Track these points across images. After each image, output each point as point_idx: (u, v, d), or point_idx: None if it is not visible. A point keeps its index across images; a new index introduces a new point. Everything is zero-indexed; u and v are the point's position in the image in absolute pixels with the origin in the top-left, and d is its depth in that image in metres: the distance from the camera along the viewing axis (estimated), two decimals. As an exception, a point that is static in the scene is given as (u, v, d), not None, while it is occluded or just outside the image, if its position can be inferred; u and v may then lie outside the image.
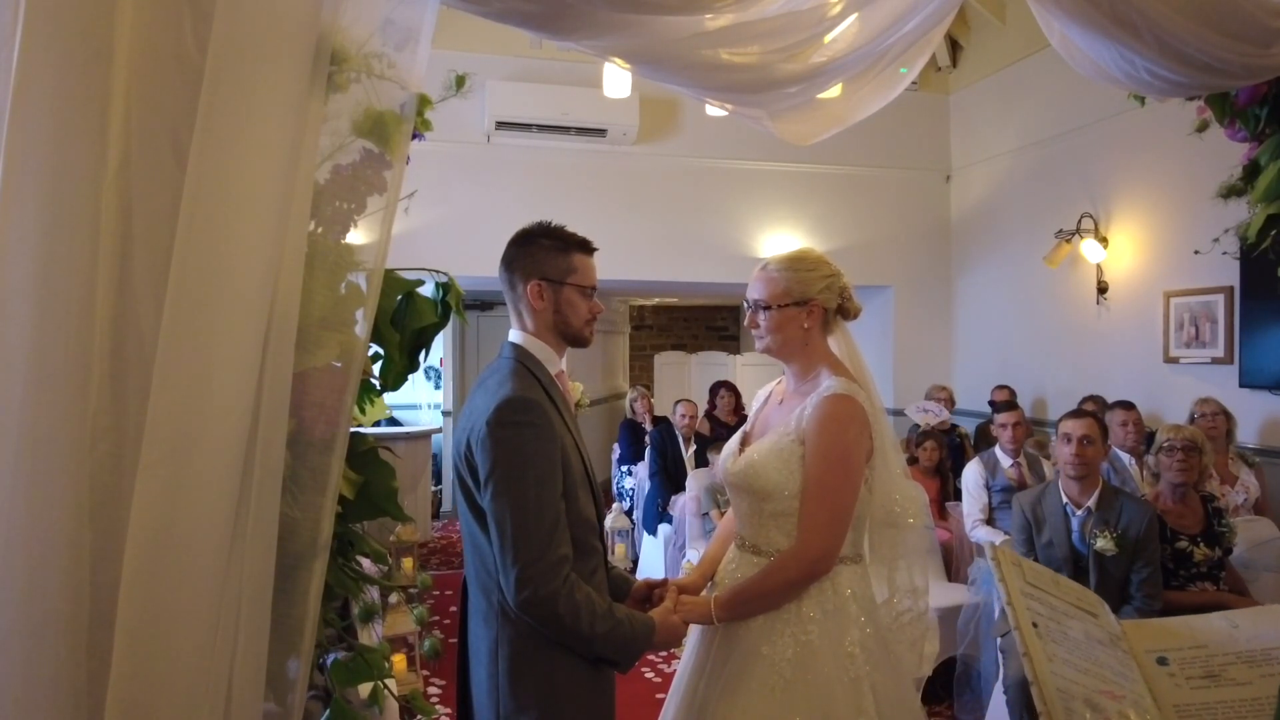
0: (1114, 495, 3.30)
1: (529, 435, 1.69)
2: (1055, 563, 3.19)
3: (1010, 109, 6.80)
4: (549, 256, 1.83)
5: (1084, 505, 3.28)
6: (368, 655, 1.77)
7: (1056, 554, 3.26)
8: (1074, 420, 3.38)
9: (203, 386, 1.28)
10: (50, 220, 1.22)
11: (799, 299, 1.99)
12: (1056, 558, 3.24)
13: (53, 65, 1.22)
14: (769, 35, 1.99)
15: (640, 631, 1.80)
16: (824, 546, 1.89)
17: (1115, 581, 3.16)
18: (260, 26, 1.32)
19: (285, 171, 1.37)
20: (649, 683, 4.36)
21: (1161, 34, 2.05)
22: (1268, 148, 2.61)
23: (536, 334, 1.85)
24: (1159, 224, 5.53)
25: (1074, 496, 3.31)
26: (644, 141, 6.77)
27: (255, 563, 1.34)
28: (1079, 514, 3.29)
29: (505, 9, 1.66)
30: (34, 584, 1.21)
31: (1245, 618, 1.67)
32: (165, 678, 1.25)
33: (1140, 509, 3.24)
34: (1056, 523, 3.31)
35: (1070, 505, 3.31)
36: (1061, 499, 3.33)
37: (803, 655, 1.87)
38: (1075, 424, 3.35)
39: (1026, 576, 1.63)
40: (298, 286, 1.42)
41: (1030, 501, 3.42)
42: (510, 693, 1.73)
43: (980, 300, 7.20)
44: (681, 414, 6.29)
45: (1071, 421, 3.37)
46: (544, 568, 1.65)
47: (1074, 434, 3.30)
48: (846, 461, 1.90)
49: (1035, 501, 3.40)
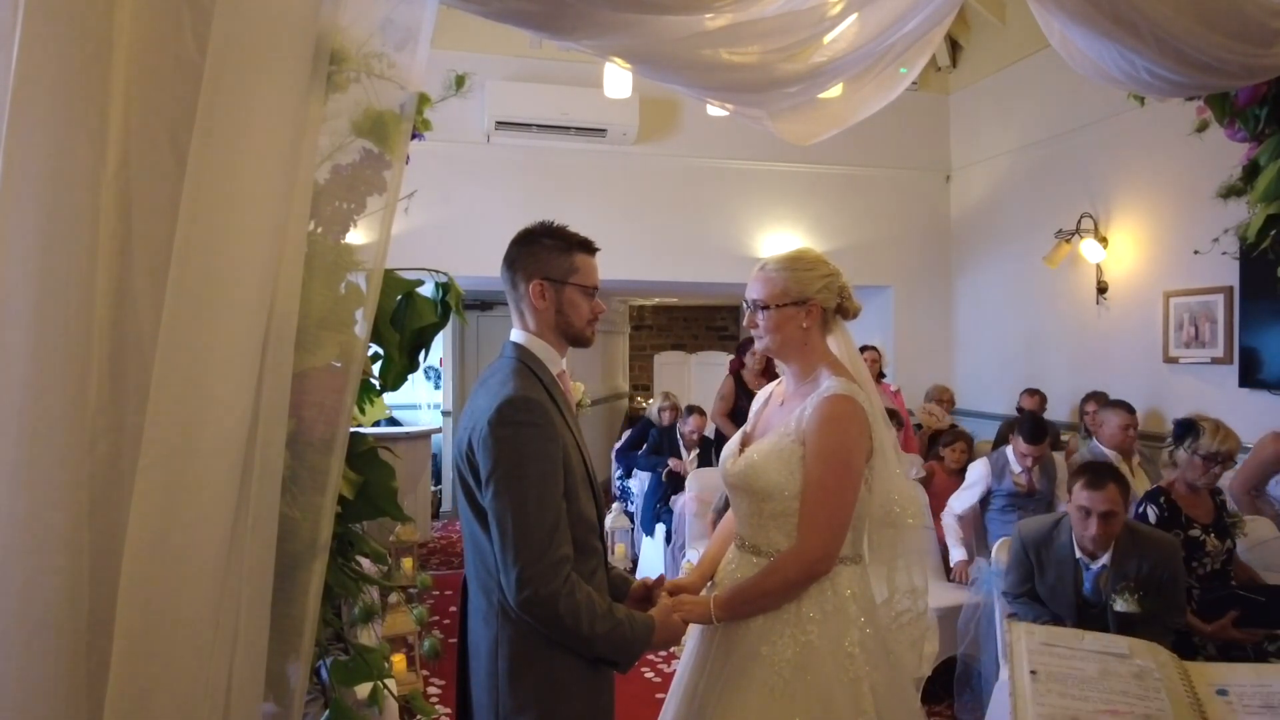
0: (1131, 542, 2.89)
1: (530, 435, 1.69)
2: (1058, 608, 3.00)
3: (1010, 109, 6.80)
4: (551, 256, 1.83)
5: (1099, 559, 2.92)
6: (367, 655, 1.77)
7: (1061, 599, 2.98)
8: (1092, 492, 2.84)
9: (202, 386, 1.28)
10: (49, 220, 1.22)
11: (797, 299, 1.99)
12: (1060, 602, 2.99)
13: (52, 65, 1.22)
14: (769, 35, 1.99)
15: (640, 632, 1.80)
16: (823, 547, 1.89)
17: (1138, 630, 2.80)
18: (260, 26, 1.32)
19: (285, 171, 1.37)
20: (649, 683, 4.36)
21: (1161, 34, 2.05)
22: (1267, 148, 2.61)
23: (538, 334, 1.85)
24: (1159, 224, 5.53)
25: (1088, 549, 2.95)
26: (644, 141, 6.77)
27: (255, 563, 1.34)
28: (1094, 567, 2.95)
29: (505, 9, 1.66)
30: (33, 584, 1.21)
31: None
32: (164, 678, 1.25)
33: (1163, 552, 2.87)
34: (1065, 573, 2.98)
35: (1083, 559, 2.96)
36: (1074, 550, 2.97)
37: (802, 655, 1.87)
38: (1095, 497, 2.83)
39: (1040, 637, 1.66)
40: (297, 286, 1.42)
41: (1035, 539, 3.07)
42: (510, 692, 1.73)
43: (980, 300, 7.20)
44: (692, 429, 6.18)
45: (1089, 494, 2.84)
46: (544, 568, 1.65)
47: (1094, 509, 2.83)
48: (846, 462, 1.90)
49: (1041, 542, 3.05)
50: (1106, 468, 3.01)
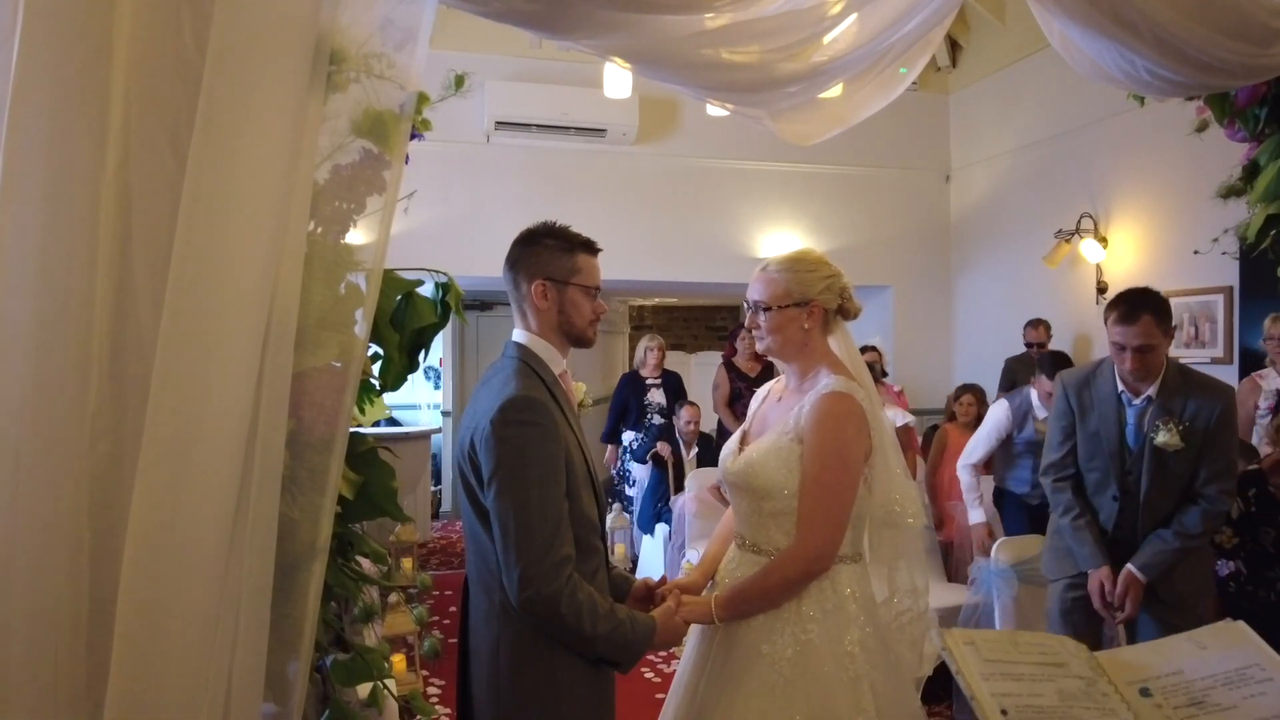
0: (1180, 381, 2.69)
1: (532, 435, 1.69)
2: (1098, 457, 2.79)
3: (1010, 109, 6.81)
4: (554, 256, 1.83)
5: (1143, 394, 2.71)
6: (367, 655, 1.77)
7: (1103, 447, 2.78)
8: (1126, 327, 2.60)
9: (202, 386, 1.28)
10: (49, 220, 1.22)
11: (799, 300, 1.99)
12: (1102, 452, 2.78)
13: (52, 65, 1.22)
14: (769, 34, 1.99)
15: (641, 632, 1.80)
16: (822, 544, 1.89)
17: (1177, 480, 2.68)
18: (259, 26, 1.33)
19: (284, 171, 1.37)
20: (649, 683, 4.36)
21: (1161, 33, 2.05)
22: (1267, 148, 2.61)
23: (540, 334, 1.85)
24: (1158, 224, 5.53)
25: (1131, 383, 2.73)
26: (644, 141, 6.77)
27: (254, 563, 1.34)
28: (1136, 403, 2.73)
29: (505, 8, 1.67)
30: (34, 583, 1.21)
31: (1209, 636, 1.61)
32: (164, 677, 1.25)
33: (1212, 398, 2.66)
34: (1107, 411, 2.76)
35: (1126, 394, 2.74)
36: (1116, 384, 2.75)
37: (802, 654, 1.87)
38: (1128, 332, 2.59)
39: (984, 654, 1.53)
40: (297, 286, 1.42)
41: (1076, 382, 2.85)
42: (511, 692, 1.74)
43: (980, 300, 7.20)
44: (686, 420, 6.15)
45: (1122, 329, 2.61)
46: (546, 567, 1.65)
47: (1128, 344, 2.61)
48: (844, 459, 1.90)
49: (1082, 383, 2.83)
50: (1141, 296, 2.68)
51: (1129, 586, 2.70)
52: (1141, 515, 2.75)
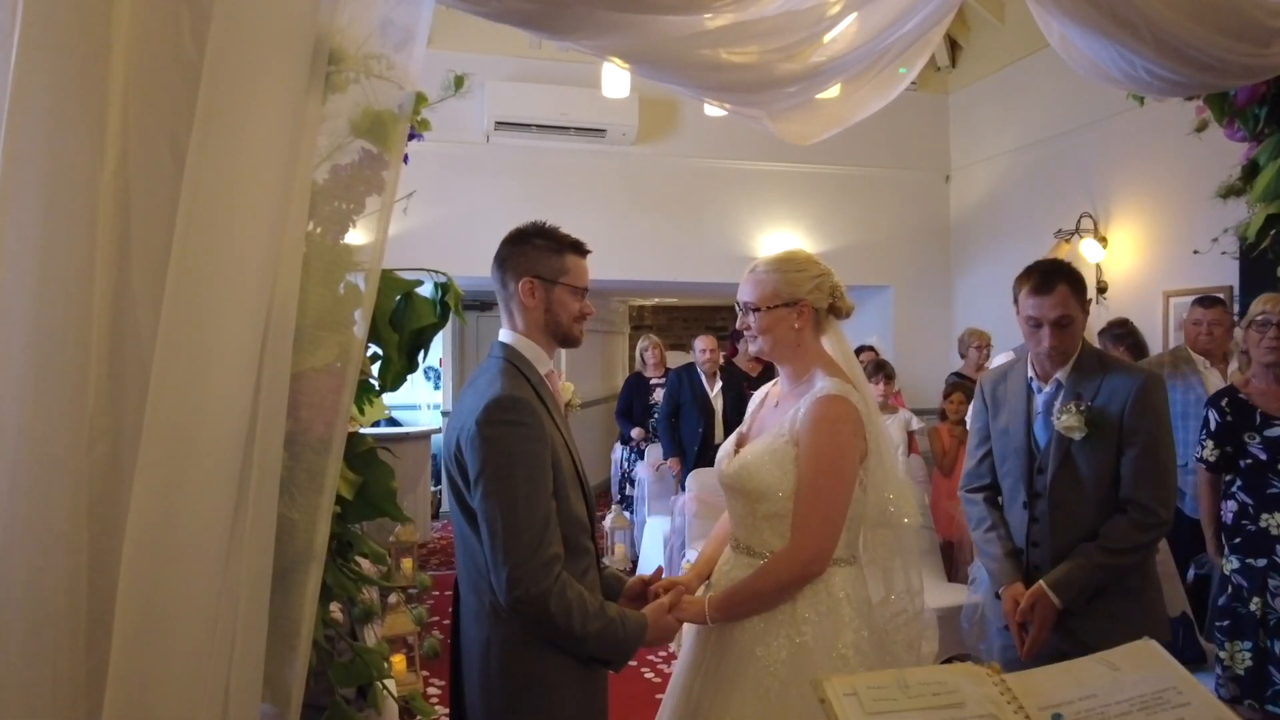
0: (1096, 364, 2.35)
1: (518, 434, 1.69)
2: (1009, 458, 2.46)
3: (1009, 109, 6.81)
4: (542, 256, 1.83)
5: (1052, 377, 2.37)
6: (366, 655, 1.77)
7: (1010, 444, 2.45)
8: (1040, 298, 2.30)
9: (200, 387, 1.28)
10: (48, 219, 1.22)
11: (788, 300, 1.99)
12: (1010, 449, 2.45)
13: (51, 64, 1.22)
14: (768, 35, 1.99)
15: (633, 630, 1.79)
16: (816, 548, 1.89)
17: (1092, 480, 2.28)
18: (258, 26, 1.33)
19: (283, 171, 1.37)
20: (648, 683, 4.36)
21: (1161, 33, 2.06)
22: (1267, 147, 2.62)
23: (527, 333, 1.85)
24: (1158, 224, 5.53)
25: (1044, 370, 2.41)
26: (643, 142, 6.77)
27: (253, 563, 1.34)
28: (1046, 389, 2.39)
29: (504, 9, 1.67)
30: (32, 584, 1.21)
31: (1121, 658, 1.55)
32: (163, 678, 1.25)
33: (1130, 378, 2.28)
34: (1016, 404, 2.45)
35: (1035, 380, 2.42)
36: (1027, 373, 2.45)
37: (796, 657, 1.87)
38: (1043, 302, 2.29)
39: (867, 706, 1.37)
40: (296, 287, 1.42)
41: (993, 378, 2.60)
42: (502, 692, 1.73)
43: (980, 300, 7.19)
44: (702, 349, 5.89)
45: (1036, 300, 2.31)
46: (535, 567, 1.65)
47: (1044, 317, 2.30)
48: (839, 463, 1.89)
49: (999, 378, 2.57)
50: (1054, 265, 2.40)
51: (1035, 603, 2.26)
52: (1055, 525, 2.32)
